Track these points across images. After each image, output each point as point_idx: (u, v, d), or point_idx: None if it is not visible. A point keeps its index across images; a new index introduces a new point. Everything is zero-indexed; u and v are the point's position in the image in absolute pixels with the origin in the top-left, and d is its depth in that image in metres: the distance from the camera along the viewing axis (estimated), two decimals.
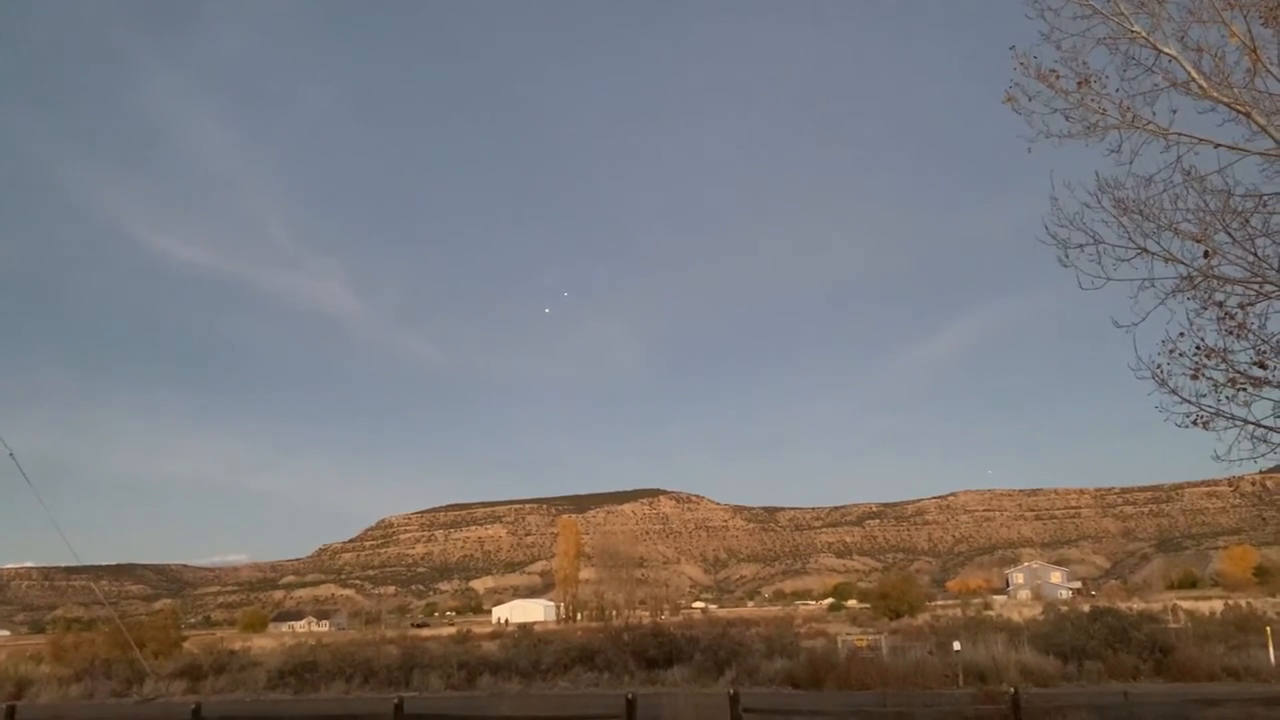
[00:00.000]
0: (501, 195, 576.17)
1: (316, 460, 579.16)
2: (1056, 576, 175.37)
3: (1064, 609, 57.09)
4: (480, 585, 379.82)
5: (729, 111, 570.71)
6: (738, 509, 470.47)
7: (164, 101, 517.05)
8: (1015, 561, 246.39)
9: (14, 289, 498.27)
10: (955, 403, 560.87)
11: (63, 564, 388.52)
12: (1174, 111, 9.02)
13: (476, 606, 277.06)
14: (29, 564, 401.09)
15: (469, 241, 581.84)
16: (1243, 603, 73.18)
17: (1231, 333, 8.92)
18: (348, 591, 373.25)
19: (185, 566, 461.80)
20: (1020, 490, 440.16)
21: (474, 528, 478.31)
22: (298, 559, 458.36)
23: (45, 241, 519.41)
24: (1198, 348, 9.01)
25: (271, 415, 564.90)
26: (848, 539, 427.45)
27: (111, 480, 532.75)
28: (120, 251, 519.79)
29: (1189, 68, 8.91)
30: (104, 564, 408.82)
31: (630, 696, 19.17)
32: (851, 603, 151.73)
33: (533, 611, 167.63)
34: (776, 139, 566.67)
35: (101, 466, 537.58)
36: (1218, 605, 70.47)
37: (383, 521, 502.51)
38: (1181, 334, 9.08)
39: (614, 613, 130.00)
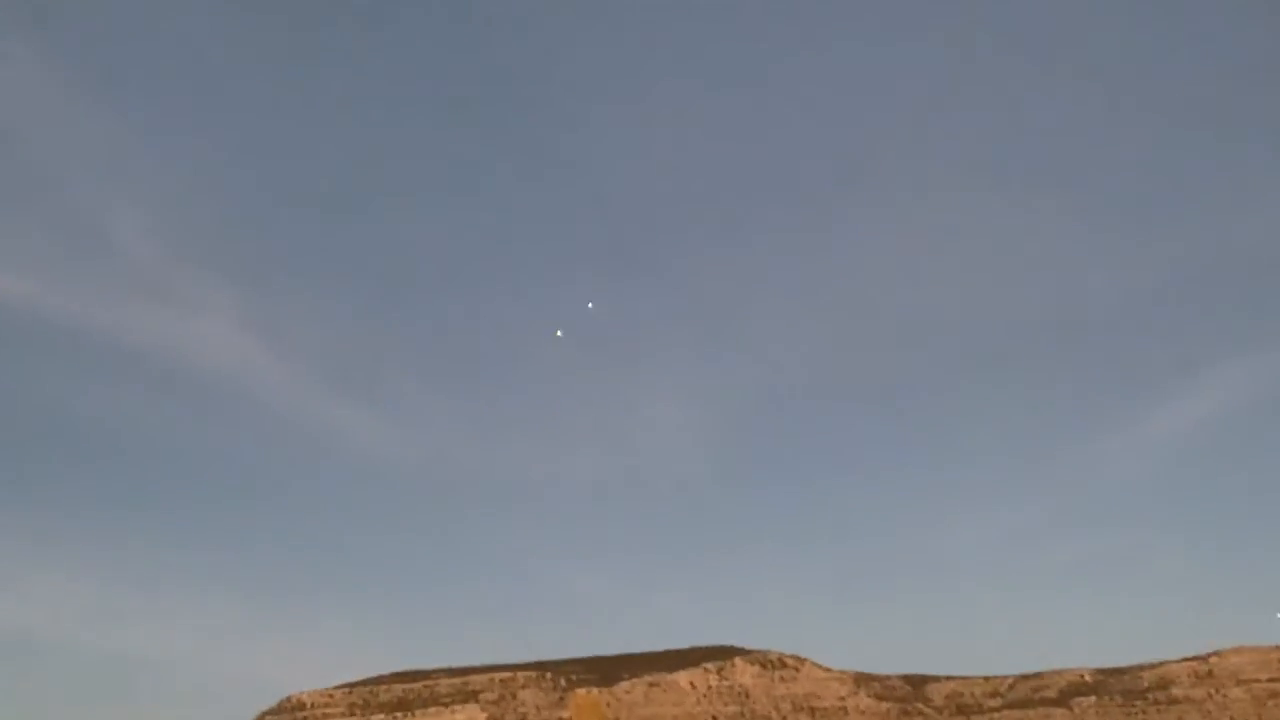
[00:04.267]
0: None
1: (197, 609, 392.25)
2: None
3: None
4: None
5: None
6: (861, 679, 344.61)
7: None
8: None
9: None
10: (1201, 505, 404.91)
11: None
12: None
13: None
14: None
15: (440, 280, 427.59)
16: None
17: None
18: None
19: None
20: None
21: (434, 710, 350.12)
22: None
23: None
24: None
25: (135, 536, 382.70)
26: None
27: None
28: None
29: None
30: None
31: None
32: None
33: None
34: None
35: None
36: None
37: (289, 700, 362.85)
38: None
39: None
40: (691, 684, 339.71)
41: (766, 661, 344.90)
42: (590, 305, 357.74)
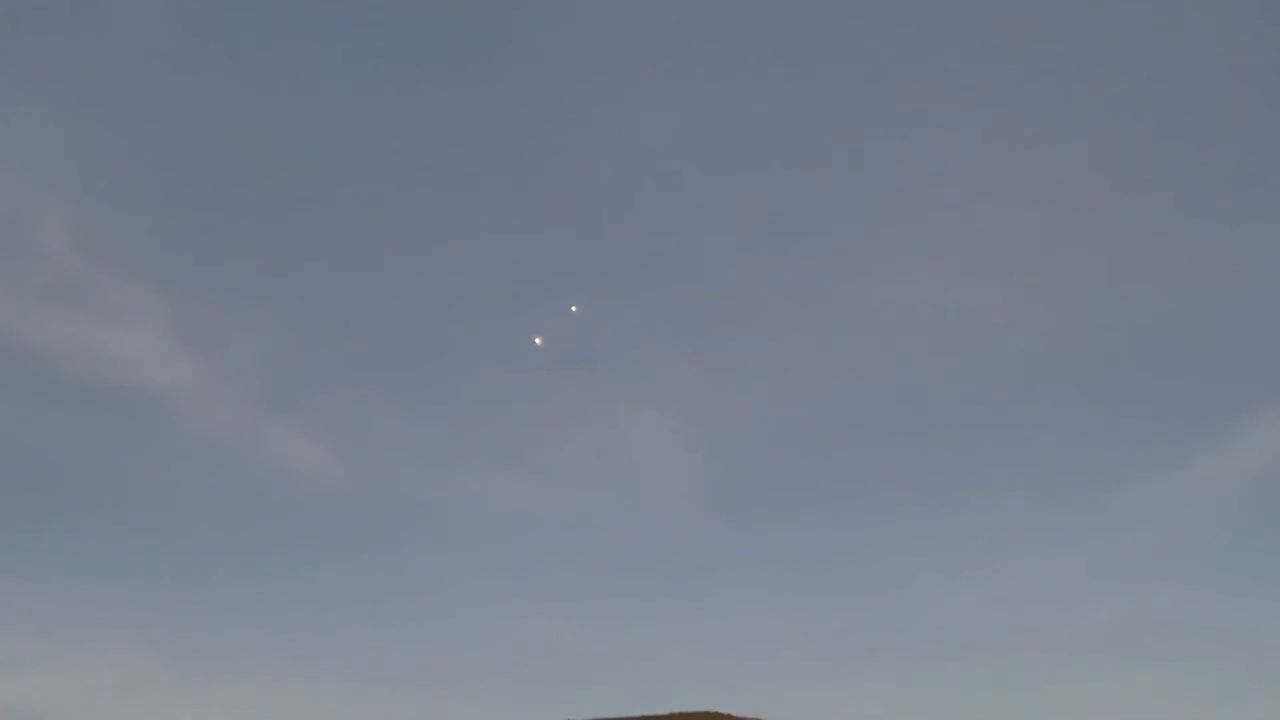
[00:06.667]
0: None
1: (87, 659, 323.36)
2: None
3: None
4: None
5: None
6: None
7: None
8: None
9: None
10: (1272, 560, 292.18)
11: None
12: None
13: None
14: None
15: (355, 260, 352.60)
16: None
17: None
18: None
19: None
20: None
21: None
22: None
23: None
24: None
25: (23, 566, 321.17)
26: None
27: None
28: None
29: None
30: None
31: None
32: None
33: None
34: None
35: None
36: None
37: None
38: None
39: None
40: None
41: None
42: (574, 309, 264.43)
